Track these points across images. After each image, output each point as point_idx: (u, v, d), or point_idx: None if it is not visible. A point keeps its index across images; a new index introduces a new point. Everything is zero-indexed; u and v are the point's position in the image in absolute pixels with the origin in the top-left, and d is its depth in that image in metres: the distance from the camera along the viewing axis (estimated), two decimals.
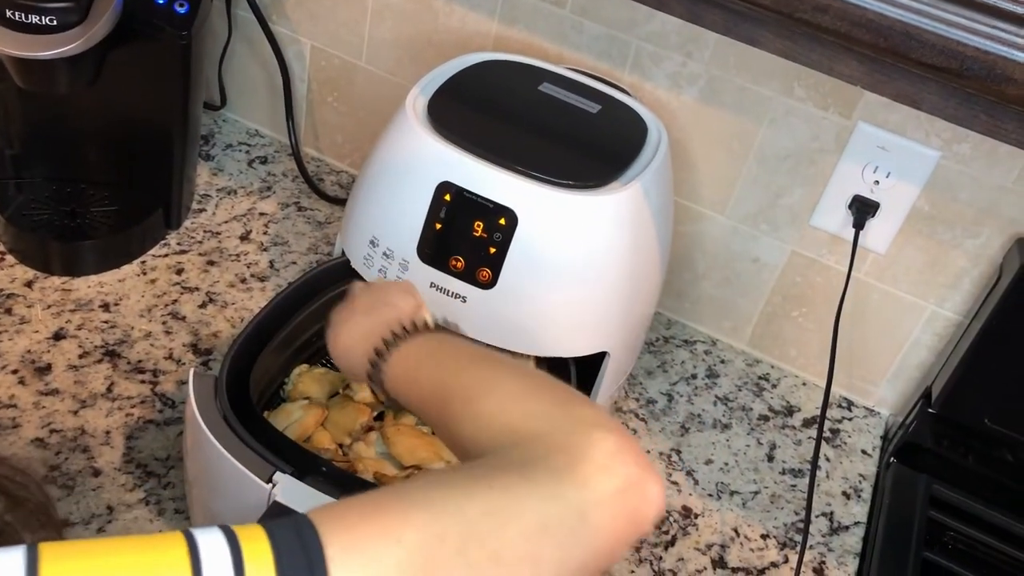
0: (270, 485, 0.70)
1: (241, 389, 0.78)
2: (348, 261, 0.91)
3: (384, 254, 0.86)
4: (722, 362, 1.12)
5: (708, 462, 1.00)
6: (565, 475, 0.47)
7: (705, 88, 0.99)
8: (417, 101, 0.88)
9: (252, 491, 0.70)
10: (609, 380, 0.92)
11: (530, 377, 0.58)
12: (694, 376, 1.09)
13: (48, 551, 0.36)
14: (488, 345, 0.87)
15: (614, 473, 0.48)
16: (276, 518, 0.65)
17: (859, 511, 0.99)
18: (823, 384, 1.10)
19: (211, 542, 0.38)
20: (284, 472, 0.71)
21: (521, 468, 0.47)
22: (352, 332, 0.68)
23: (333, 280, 0.90)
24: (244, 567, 0.38)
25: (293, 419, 0.86)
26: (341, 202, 1.18)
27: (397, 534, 0.42)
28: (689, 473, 0.98)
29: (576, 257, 0.84)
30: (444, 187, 0.83)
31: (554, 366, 0.87)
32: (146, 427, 0.90)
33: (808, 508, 0.91)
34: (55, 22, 0.86)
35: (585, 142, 0.88)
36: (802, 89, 0.96)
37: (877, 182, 0.97)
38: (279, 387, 0.90)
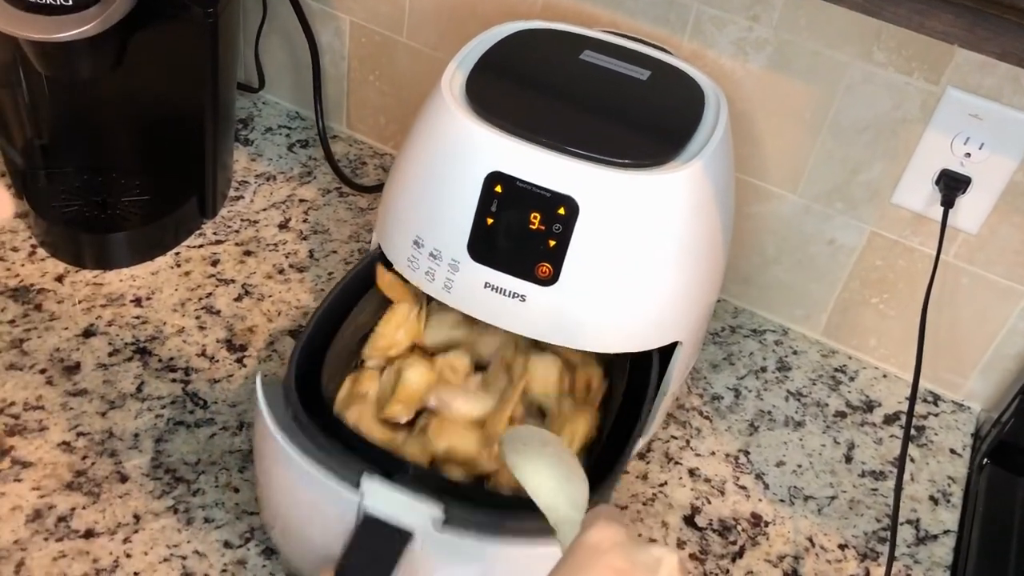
0: (358, 493, 0.66)
1: (312, 391, 0.74)
2: None
3: (431, 255, 0.79)
4: (794, 353, 1.03)
5: (779, 464, 0.92)
6: None
7: (774, 54, 0.90)
8: (454, 81, 0.81)
9: (339, 502, 0.66)
10: (679, 372, 0.85)
11: None
12: (763, 369, 1.01)
13: None
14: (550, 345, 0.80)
15: None
16: (370, 531, 0.61)
17: (949, 518, 0.90)
18: (906, 376, 1.01)
19: None
20: (372, 476, 0.66)
21: None
22: None
23: None
24: None
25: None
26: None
27: None
28: (759, 476, 0.90)
29: (644, 242, 0.76)
30: (494, 178, 0.75)
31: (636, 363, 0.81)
32: (176, 429, 0.85)
33: (895, 514, 0.82)
34: (71, 2, 0.81)
35: (641, 114, 0.80)
36: (883, 52, 0.86)
37: (968, 154, 0.87)
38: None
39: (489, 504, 0.67)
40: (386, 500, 0.65)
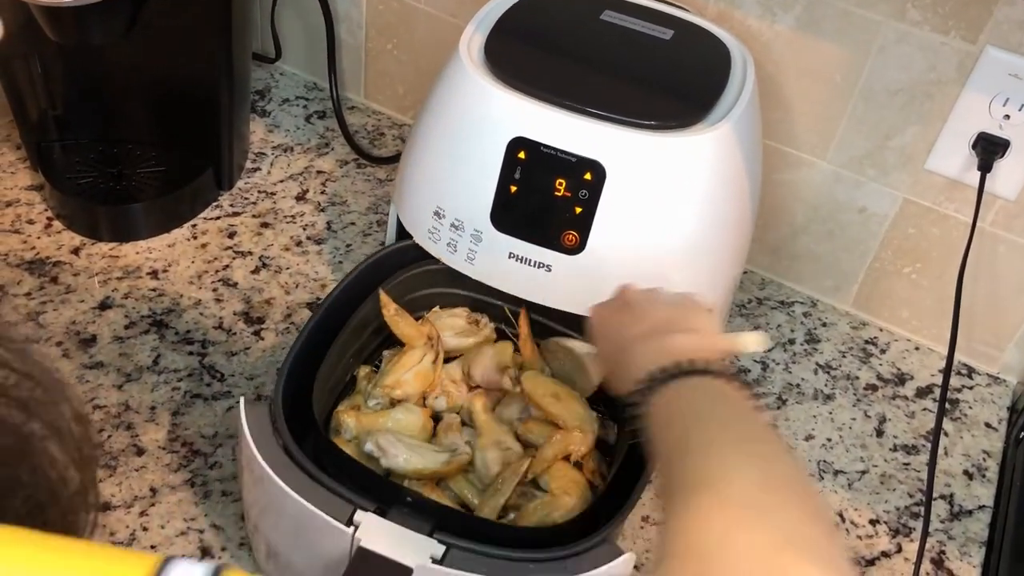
0: (352, 528, 0.61)
1: (302, 410, 0.69)
2: (406, 247, 0.82)
3: (452, 225, 0.77)
4: (823, 325, 1.00)
5: (809, 438, 0.90)
6: None
7: (803, 14, 0.87)
8: (472, 43, 0.78)
9: (332, 537, 0.62)
10: None
11: (784, 489, 0.49)
12: (792, 341, 0.98)
13: None
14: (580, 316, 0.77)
15: None
16: (366, 567, 0.59)
17: (984, 493, 0.87)
18: (939, 349, 0.98)
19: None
20: (366, 510, 0.62)
21: None
22: (638, 350, 0.60)
23: (390, 269, 0.82)
24: None
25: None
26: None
27: None
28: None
29: (671, 208, 0.74)
30: (517, 143, 0.73)
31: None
32: (193, 402, 0.84)
33: (929, 489, 0.80)
34: None
35: (665, 76, 0.77)
36: (917, 10, 0.83)
37: (1008, 116, 0.83)
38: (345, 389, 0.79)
39: (488, 537, 0.63)
40: (382, 536, 0.61)
